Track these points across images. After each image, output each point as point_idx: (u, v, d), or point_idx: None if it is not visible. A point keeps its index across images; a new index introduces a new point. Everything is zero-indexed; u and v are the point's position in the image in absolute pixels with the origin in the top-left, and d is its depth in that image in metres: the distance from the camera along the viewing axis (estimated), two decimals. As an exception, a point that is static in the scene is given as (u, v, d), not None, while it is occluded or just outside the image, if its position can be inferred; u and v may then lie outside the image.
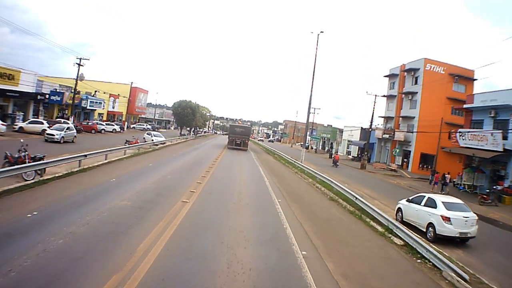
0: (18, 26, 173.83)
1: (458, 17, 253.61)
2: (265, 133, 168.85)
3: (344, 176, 28.07)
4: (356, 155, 54.58)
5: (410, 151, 43.43)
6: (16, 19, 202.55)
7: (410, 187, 28.63)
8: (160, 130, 78.18)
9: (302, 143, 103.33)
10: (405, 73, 46.86)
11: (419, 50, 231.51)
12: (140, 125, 67.10)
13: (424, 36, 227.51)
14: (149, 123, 75.77)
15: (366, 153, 40.34)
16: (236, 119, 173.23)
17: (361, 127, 56.54)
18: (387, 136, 45.80)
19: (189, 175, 16.32)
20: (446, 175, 30.16)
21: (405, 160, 44.39)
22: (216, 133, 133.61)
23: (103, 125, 45.82)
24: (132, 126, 65.58)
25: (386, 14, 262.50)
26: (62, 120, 38.01)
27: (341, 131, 65.14)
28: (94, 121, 46.31)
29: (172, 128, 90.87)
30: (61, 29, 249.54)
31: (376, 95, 40.59)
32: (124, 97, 65.96)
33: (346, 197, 15.10)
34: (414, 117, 43.17)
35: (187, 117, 56.33)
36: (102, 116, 60.07)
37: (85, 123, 43.25)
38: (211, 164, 21.66)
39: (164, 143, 35.94)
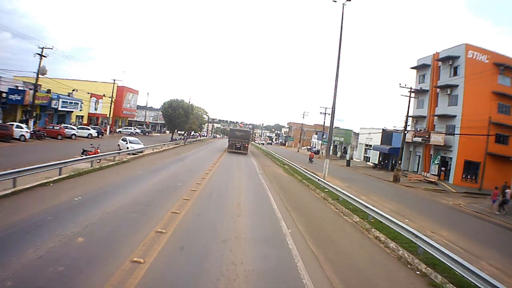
0: (14, 31, 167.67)
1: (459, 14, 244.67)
2: (268, 136, 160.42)
3: (387, 198, 19.83)
4: (377, 162, 46.29)
5: (450, 158, 35.09)
6: (15, 24, 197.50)
7: (477, 212, 20.38)
8: (153, 134, 70.42)
9: (309, 147, 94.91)
10: (440, 62, 38.59)
11: (425, 47, 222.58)
12: (128, 128, 59.01)
13: (428, 34, 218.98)
14: (139, 126, 67.73)
15: (400, 161, 32.00)
16: (236, 122, 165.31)
17: (383, 129, 48.39)
18: (419, 139, 37.46)
19: (139, 223, 8.21)
20: (507, 190, 22.21)
21: (443, 168, 36.05)
22: (215, 137, 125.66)
23: (74, 129, 37.75)
24: (118, 130, 57.50)
25: (390, 12, 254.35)
26: (15, 124, 30.10)
27: (356, 133, 56.82)
28: (62, 125, 38.23)
29: (168, 132, 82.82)
30: (60, 33, 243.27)
31: (411, 89, 32.33)
32: (108, 97, 58.25)
33: (455, 275, 6.92)
34: (455, 116, 34.85)
35: (179, 118, 48.14)
36: (81, 119, 52.21)
37: (50, 127, 35.24)
38: (191, 191, 13.43)
39: (142, 151, 27.85)
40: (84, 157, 19.02)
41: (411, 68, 44.67)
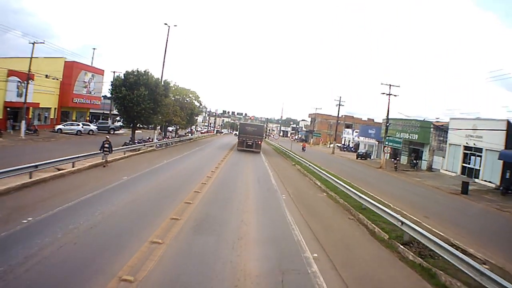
0: (16, 31, 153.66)
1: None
2: (282, 130, 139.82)
3: None
4: (502, 184, 24.63)
5: None
6: (23, 23, 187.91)
7: None
8: (137, 131, 50.11)
9: (339, 145, 73.32)
10: None
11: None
12: (73, 124, 38.45)
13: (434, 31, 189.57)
14: (101, 121, 47.55)
15: None
16: (246, 115, 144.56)
17: (508, 121, 26.75)
18: None
19: None
20: None
21: None
22: (221, 132, 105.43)
23: None
24: (57, 127, 36.95)
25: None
26: None
27: (441, 128, 34.95)
28: None
29: (157, 128, 61.32)
30: (67, 31, 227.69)
31: None
32: (52, 78, 38.54)
33: None
34: None
35: (140, 105, 27.36)
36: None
37: None
38: None
39: None
40: None
41: None
